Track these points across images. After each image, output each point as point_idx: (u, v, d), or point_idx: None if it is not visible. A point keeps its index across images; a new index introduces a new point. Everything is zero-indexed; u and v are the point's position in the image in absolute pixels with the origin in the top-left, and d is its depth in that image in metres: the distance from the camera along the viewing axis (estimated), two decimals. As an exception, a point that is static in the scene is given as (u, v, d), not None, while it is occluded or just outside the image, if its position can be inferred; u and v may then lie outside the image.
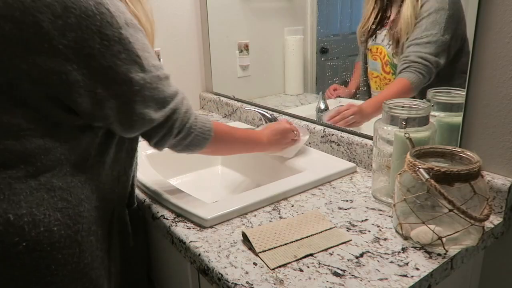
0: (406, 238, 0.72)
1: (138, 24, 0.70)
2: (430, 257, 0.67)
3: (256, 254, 0.69)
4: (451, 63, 0.91)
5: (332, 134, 1.10)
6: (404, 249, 0.69)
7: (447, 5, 0.92)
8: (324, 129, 1.13)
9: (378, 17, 1.04)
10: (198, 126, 0.81)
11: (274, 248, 0.70)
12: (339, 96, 1.21)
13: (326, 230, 0.75)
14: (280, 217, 0.81)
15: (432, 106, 0.85)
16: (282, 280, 0.63)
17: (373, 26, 1.06)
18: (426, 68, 0.93)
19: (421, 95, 0.91)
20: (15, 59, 0.62)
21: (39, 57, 0.62)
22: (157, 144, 0.79)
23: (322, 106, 1.20)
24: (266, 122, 1.16)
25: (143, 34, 0.71)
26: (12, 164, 0.65)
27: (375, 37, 1.07)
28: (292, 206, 0.86)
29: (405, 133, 0.75)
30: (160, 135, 0.76)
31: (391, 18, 1.02)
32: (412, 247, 0.70)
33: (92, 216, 0.72)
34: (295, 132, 1.08)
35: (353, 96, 1.19)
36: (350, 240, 0.73)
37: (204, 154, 0.89)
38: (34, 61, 0.62)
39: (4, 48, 0.62)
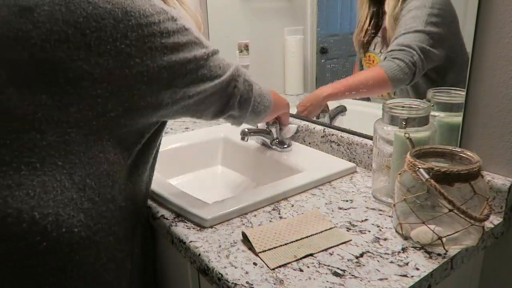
0: (406, 238, 0.72)
1: (189, 19, 0.80)
2: (430, 257, 0.67)
3: (256, 254, 0.69)
4: (451, 58, 0.90)
5: (332, 134, 1.10)
6: (404, 249, 0.69)
7: (430, 3, 0.91)
8: (324, 129, 1.13)
9: (372, 25, 1.04)
10: (259, 91, 0.89)
11: (274, 248, 0.70)
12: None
13: (326, 230, 0.75)
14: (280, 217, 0.81)
15: (432, 106, 0.85)
16: (282, 280, 0.63)
17: (369, 34, 1.05)
18: (403, 53, 0.90)
19: (419, 95, 0.90)
20: (77, 61, 0.64)
21: (101, 58, 0.65)
22: (228, 119, 0.86)
23: (322, 106, 1.20)
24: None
25: (187, 19, 0.78)
26: (51, 161, 0.65)
27: (369, 45, 1.08)
28: (292, 206, 0.86)
29: (405, 133, 0.75)
30: (229, 91, 0.81)
31: (383, 26, 1.02)
32: (412, 247, 0.70)
33: (115, 217, 0.71)
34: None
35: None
36: (350, 240, 0.73)
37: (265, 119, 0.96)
38: (97, 61, 0.65)
39: (66, 51, 0.64)
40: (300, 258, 0.68)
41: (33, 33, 0.63)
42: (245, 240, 0.73)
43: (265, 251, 0.69)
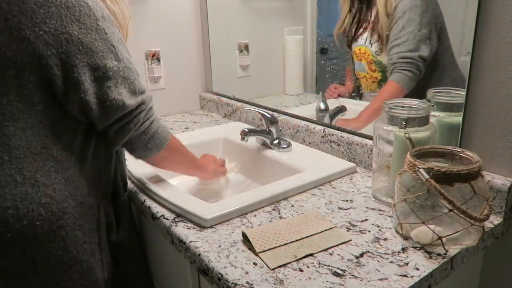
0: (406, 238, 0.72)
1: (114, 21, 0.76)
2: (430, 257, 0.67)
3: (256, 254, 0.69)
4: (437, 53, 0.94)
5: (332, 134, 1.10)
6: (404, 249, 0.69)
7: (419, 2, 0.96)
8: (324, 129, 1.13)
9: (355, 19, 1.08)
10: (161, 125, 0.84)
11: (274, 248, 0.70)
12: (340, 96, 1.22)
13: (326, 230, 0.75)
14: (280, 217, 0.81)
15: (432, 106, 0.85)
16: (282, 280, 0.63)
17: (353, 29, 1.09)
18: (410, 64, 0.96)
19: (420, 94, 0.91)
20: (1, 48, 0.66)
21: (22, 43, 0.66)
22: (118, 132, 0.78)
23: (322, 106, 1.20)
24: (266, 122, 1.16)
25: (118, 30, 0.77)
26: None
27: (357, 39, 1.10)
28: (292, 206, 0.86)
29: (405, 133, 0.75)
30: (125, 121, 0.77)
31: (372, 19, 1.04)
32: (412, 247, 0.70)
33: (77, 212, 0.75)
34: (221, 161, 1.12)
35: (350, 94, 1.21)
36: (350, 240, 0.73)
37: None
38: (18, 47, 0.66)
39: None
40: (300, 258, 0.68)
41: None
42: (245, 240, 0.73)
43: (265, 251, 0.69)
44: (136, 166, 0.98)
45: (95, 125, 0.76)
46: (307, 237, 0.73)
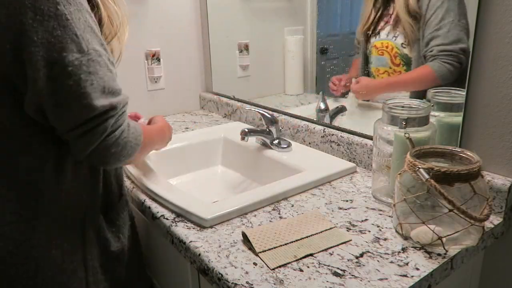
0: (406, 238, 0.72)
1: (85, 5, 0.63)
2: (430, 257, 0.67)
3: (256, 254, 0.69)
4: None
5: (332, 134, 1.10)
6: (404, 249, 0.69)
7: None
8: (324, 129, 1.13)
9: (379, 14, 1.05)
10: (131, 128, 0.72)
11: (274, 248, 0.70)
12: (346, 86, 1.20)
13: (326, 230, 0.75)
14: (280, 217, 0.81)
15: (432, 106, 0.85)
16: (282, 280, 0.63)
17: (375, 24, 1.06)
18: (451, 57, 0.92)
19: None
20: None
21: None
22: (80, 141, 0.65)
23: (322, 106, 1.20)
24: (266, 122, 1.16)
25: (90, 15, 0.64)
26: None
27: (379, 33, 1.08)
28: (292, 206, 0.86)
29: (405, 133, 0.75)
30: (88, 127, 0.63)
31: (395, 12, 1.02)
32: (412, 247, 0.70)
33: (53, 229, 0.68)
34: None
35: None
36: (350, 240, 0.73)
37: (122, 164, 0.77)
38: None
39: None
40: (300, 258, 0.68)
41: None
42: (245, 240, 0.73)
43: (265, 251, 0.69)
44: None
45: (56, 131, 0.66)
46: (307, 237, 0.73)
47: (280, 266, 0.66)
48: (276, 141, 1.14)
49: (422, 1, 0.94)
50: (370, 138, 1.00)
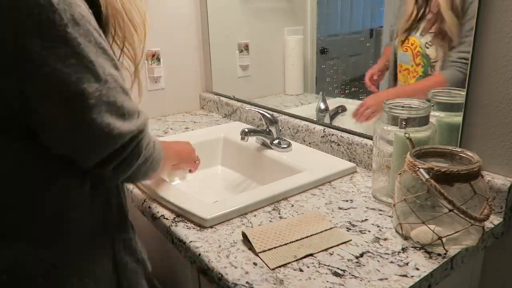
0: (406, 238, 0.72)
1: (92, 21, 0.55)
2: (430, 257, 0.67)
3: (256, 254, 0.69)
4: None
5: (332, 134, 1.10)
6: (404, 249, 0.69)
7: None
8: (324, 129, 1.13)
9: (421, 10, 1.03)
10: (156, 143, 0.70)
11: (274, 248, 0.70)
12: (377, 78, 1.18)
13: (326, 230, 0.75)
14: (280, 217, 0.81)
15: (432, 106, 0.85)
16: (282, 280, 0.63)
17: (416, 19, 1.04)
18: (467, 65, 0.89)
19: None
20: None
21: None
22: (118, 170, 0.61)
23: (322, 106, 1.20)
24: (266, 122, 1.16)
25: (97, 32, 0.56)
26: None
27: (413, 30, 1.05)
28: (292, 206, 0.86)
29: (405, 133, 0.75)
30: (124, 156, 0.60)
31: (430, 9, 1.00)
32: (412, 247, 0.70)
33: (84, 255, 0.64)
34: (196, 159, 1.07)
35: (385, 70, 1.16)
36: (350, 240, 0.73)
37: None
38: None
39: None
40: (300, 258, 0.68)
41: None
42: (245, 240, 0.73)
43: (265, 251, 0.69)
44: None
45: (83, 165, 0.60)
46: (307, 237, 0.73)
47: (280, 266, 0.66)
48: (276, 141, 1.14)
49: (464, 5, 0.91)
50: (370, 138, 1.00)
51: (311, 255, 0.69)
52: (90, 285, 0.65)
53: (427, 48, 1.00)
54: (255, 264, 0.67)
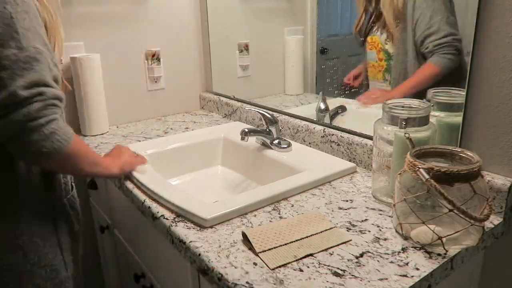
0: (406, 238, 0.72)
1: (33, 8, 0.69)
2: (430, 257, 0.67)
3: (256, 254, 0.69)
4: None
5: (332, 134, 1.10)
6: (404, 249, 0.69)
7: None
8: (324, 129, 1.13)
9: (369, 12, 1.10)
10: (63, 127, 0.72)
11: (274, 248, 0.70)
12: (355, 78, 1.21)
13: (326, 230, 0.75)
14: (280, 217, 0.81)
15: (432, 106, 0.85)
16: (282, 280, 0.63)
17: (367, 22, 1.11)
18: (447, 47, 0.95)
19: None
20: None
21: None
22: (1, 124, 0.66)
23: (322, 106, 1.20)
24: (266, 122, 1.16)
25: (36, 18, 0.69)
26: None
27: (371, 29, 1.12)
28: (292, 206, 0.86)
29: (405, 133, 0.75)
30: (10, 109, 0.65)
31: (379, 10, 1.07)
32: (412, 247, 0.70)
33: (32, 219, 0.78)
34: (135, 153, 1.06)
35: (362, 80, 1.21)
36: (350, 240, 0.73)
37: (49, 166, 0.77)
38: None
39: None
40: (300, 258, 0.68)
41: None
42: (245, 240, 0.73)
43: (265, 251, 0.69)
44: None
45: None
46: (307, 237, 0.73)
47: (280, 266, 0.66)
48: (276, 141, 1.14)
49: (407, 3, 0.99)
50: (370, 138, 1.00)
51: (311, 255, 0.69)
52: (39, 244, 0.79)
53: (386, 44, 1.08)
54: (255, 264, 0.67)
